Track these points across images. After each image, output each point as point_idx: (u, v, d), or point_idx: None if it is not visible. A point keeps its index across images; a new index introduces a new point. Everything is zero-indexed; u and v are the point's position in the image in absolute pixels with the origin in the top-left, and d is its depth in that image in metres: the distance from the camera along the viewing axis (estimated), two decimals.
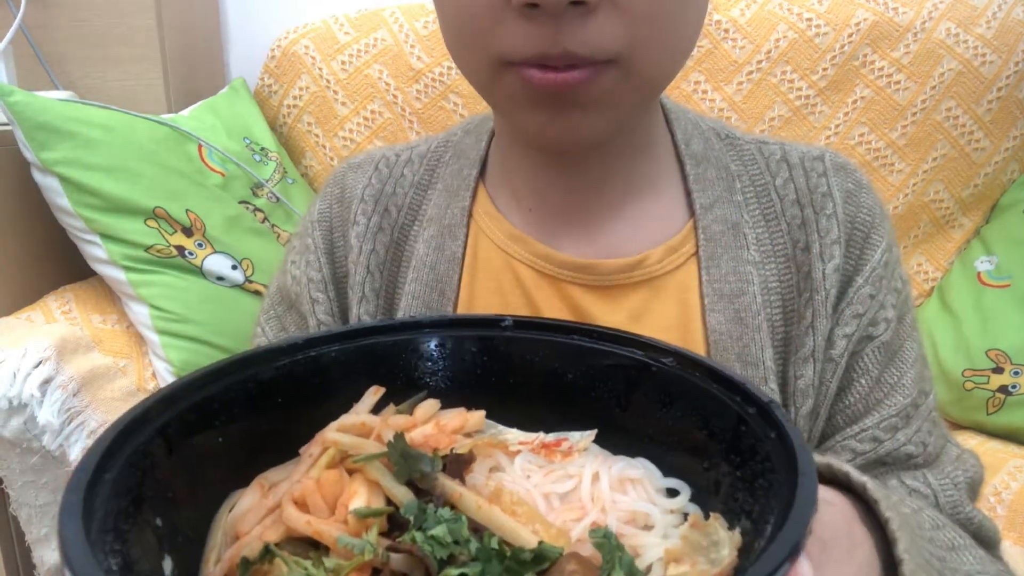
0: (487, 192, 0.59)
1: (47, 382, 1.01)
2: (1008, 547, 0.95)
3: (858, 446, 0.56)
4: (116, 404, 1.08)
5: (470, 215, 0.58)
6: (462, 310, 0.55)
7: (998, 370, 1.16)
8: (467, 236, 0.57)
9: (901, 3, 1.23)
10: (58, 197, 1.04)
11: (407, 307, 0.56)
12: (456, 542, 0.30)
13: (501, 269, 0.56)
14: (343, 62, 1.32)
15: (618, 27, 0.43)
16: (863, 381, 0.57)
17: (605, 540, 0.32)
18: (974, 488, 0.58)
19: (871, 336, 0.57)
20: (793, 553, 0.26)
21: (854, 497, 0.43)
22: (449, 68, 1.30)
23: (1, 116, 1.02)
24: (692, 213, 0.56)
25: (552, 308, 0.55)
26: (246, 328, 1.14)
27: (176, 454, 0.33)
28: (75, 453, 1.05)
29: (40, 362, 1.01)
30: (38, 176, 1.04)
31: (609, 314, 0.55)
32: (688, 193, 0.57)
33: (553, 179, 0.55)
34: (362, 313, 0.57)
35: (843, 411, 0.57)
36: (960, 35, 1.21)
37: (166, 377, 1.11)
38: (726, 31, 1.25)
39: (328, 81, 1.32)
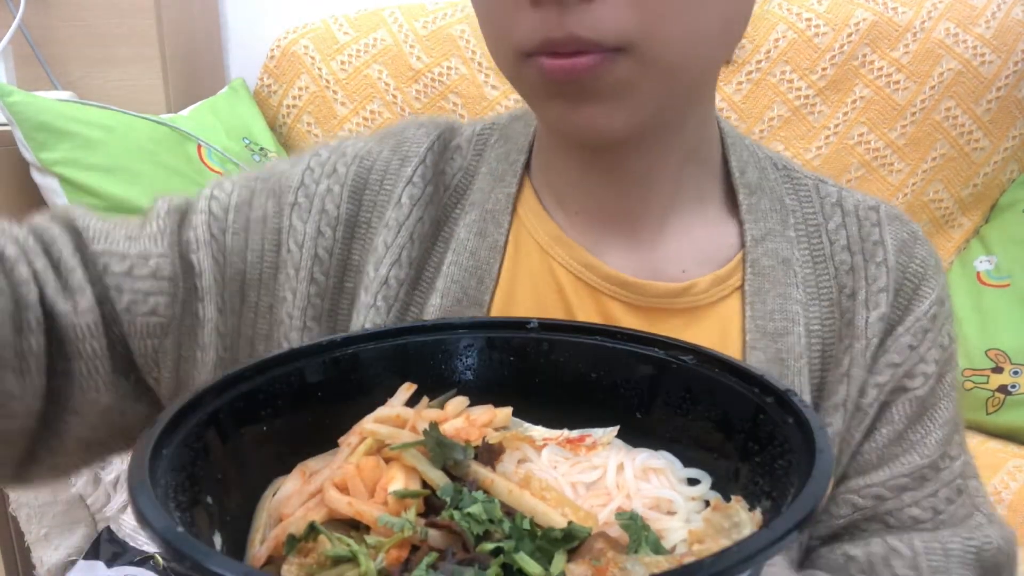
0: (532, 185, 0.57)
1: None
2: None
3: (859, 501, 0.54)
4: None
5: (515, 204, 0.56)
6: (499, 302, 0.54)
7: (997, 370, 1.16)
8: (510, 225, 0.55)
9: (900, 3, 1.24)
10: (57, 197, 1.04)
11: (445, 290, 0.54)
12: (491, 520, 0.31)
13: (540, 271, 0.54)
14: (342, 62, 1.32)
15: (625, 10, 0.42)
16: (884, 431, 0.55)
17: (631, 521, 0.33)
18: (984, 561, 0.54)
19: (905, 388, 0.55)
20: (806, 519, 0.27)
21: None
22: (448, 68, 1.31)
23: (1, 116, 1.02)
24: (743, 244, 0.55)
25: (589, 319, 0.54)
26: None
27: (226, 440, 0.35)
28: None
29: None
30: (38, 176, 1.04)
31: None
32: (740, 223, 0.55)
33: (595, 179, 0.54)
34: (391, 277, 0.54)
35: (856, 457, 0.55)
36: (959, 35, 1.23)
37: None
38: None
39: (328, 81, 1.32)
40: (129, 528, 1.03)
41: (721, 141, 0.57)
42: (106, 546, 1.02)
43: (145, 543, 1.02)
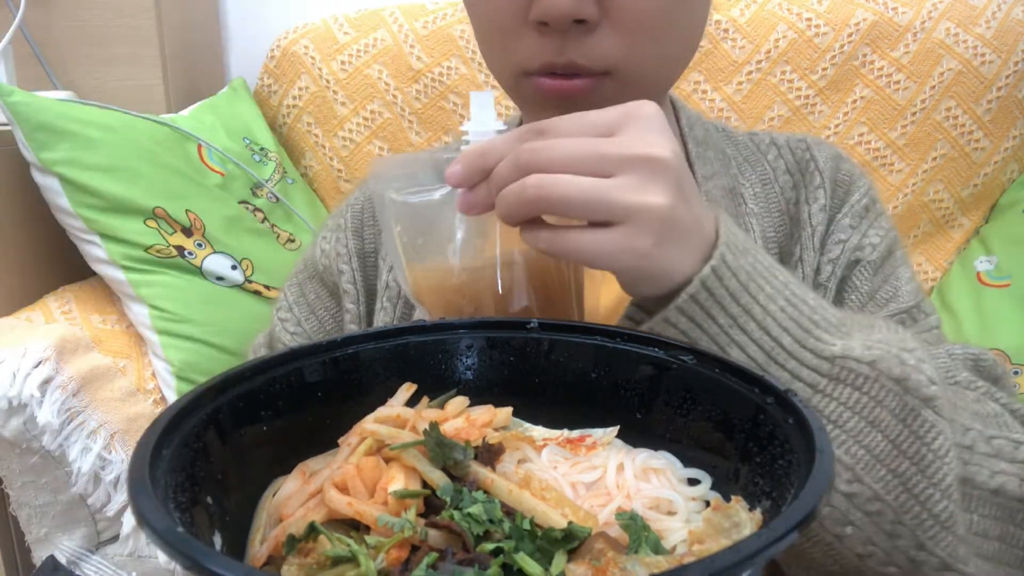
0: None
1: (47, 382, 1.01)
2: None
3: None
4: (116, 404, 1.08)
5: None
6: None
7: None
8: None
9: (901, 3, 1.24)
10: (58, 197, 1.03)
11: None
12: (491, 521, 0.31)
13: None
14: (343, 62, 1.32)
15: (614, 42, 0.52)
16: (853, 297, 0.61)
17: (631, 521, 0.33)
18: (982, 371, 0.57)
19: (858, 260, 0.62)
20: (806, 519, 0.27)
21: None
22: (448, 68, 1.31)
23: (1, 116, 1.02)
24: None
25: None
26: (246, 328, 1.14)
27: (226, 440, 0.35)
28: (75, 453, 1.04)
29: (40, 362, 1.01)
30: (38, 176, 1.04)
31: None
32: (690, 167, 0.64)
33: None
34: (391, 280, 0.66)
35: None
36: (960, 35, 1.22)
37: (166, 377, 1.11)
38: (726, 31, 1.26)
39: (328, 81, 1.32)
40: (70, 554, 1.02)
41: (673, 108, 0.69)
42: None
43: (90, 570, 1.02)
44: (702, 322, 0.42)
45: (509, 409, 0.41)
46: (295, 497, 0.34)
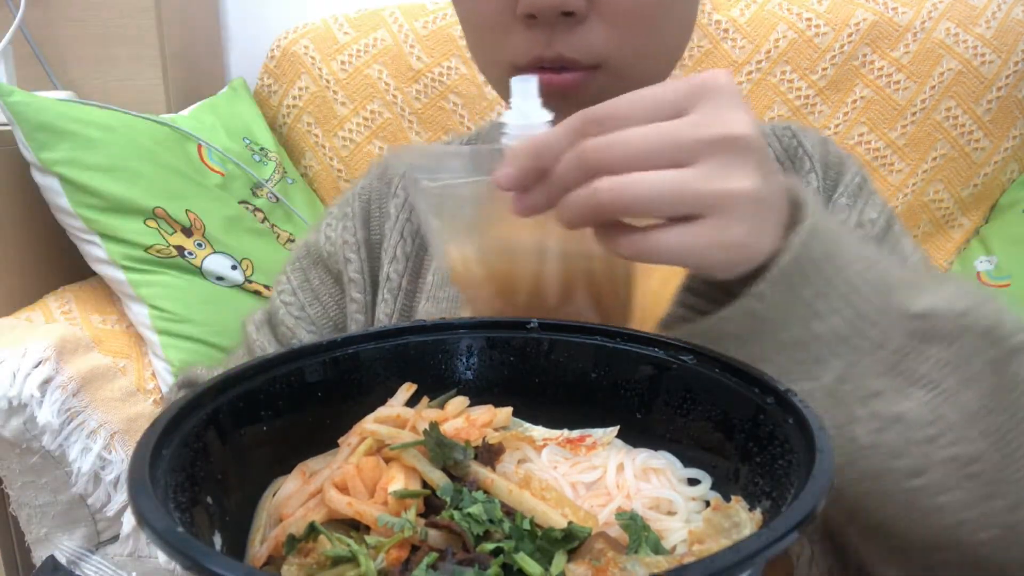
0: None
1: (47, 382, 1.01)
2: None
3: None
4: (116, 404, 1.08)
5: None
6: None
7: None
8: None
9: (901, 3, 1.24)
10: (58, 197, 1.04)
11: (435, 269, 0.65)
12: (491, 521, 0.31)
13: None
14: (343, 62, 1.32)
15: (603, 34, 0.52)
16: None
17: (631, 521, 0.33)
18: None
19: None
20: (806, 519, 0.27)
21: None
22: (448, 68, 1.31)
23: (1, 116, 1.02)
24: None
25: None
26: None
27: (226, 440, 0.35)
28: (75, 453, 1.05)
29: (40, 362, 1.01)
30: (38, 176, 1.04)
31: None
32: None
33: None
34: (392, 272, 0.66)
35: None
36: (960, 35, 1.22)
37: (166, 377, 1.11)
38: (726, 31, 1.26)
39: (328, 81, 1.32)
40: (70, 554, 1.03)
41: None
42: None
43: (90, 570, 1.02)
44: (788, 297, 0.39)
45: (509, 409, 0.41)
46: (295, 497, 0.34)
